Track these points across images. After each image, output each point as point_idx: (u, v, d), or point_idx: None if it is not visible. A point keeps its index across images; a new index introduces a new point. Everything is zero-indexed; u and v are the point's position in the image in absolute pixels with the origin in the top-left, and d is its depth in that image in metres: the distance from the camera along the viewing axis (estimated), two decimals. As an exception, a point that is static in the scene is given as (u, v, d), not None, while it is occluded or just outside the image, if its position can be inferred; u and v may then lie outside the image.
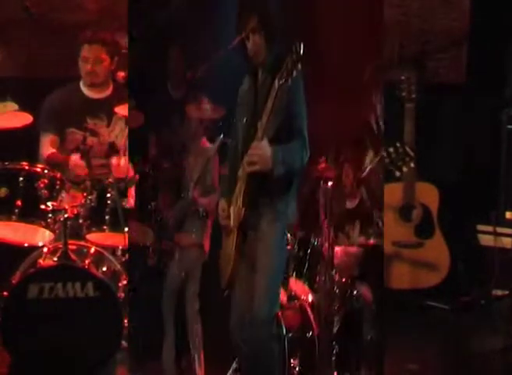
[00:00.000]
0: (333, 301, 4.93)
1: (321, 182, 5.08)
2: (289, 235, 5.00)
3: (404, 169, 3.87)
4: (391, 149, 3.87)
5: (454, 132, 5.98)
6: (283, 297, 4.92)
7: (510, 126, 5.71)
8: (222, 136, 4.90)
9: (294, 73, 3.52)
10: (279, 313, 4.66)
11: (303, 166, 3.80)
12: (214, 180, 5.20)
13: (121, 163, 4.85)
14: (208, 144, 5.31)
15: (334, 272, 4.97)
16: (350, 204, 5.43)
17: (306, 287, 5.04)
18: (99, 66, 4.97)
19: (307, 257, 5.04)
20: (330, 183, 5.09)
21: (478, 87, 5.89)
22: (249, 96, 3.92)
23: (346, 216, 5.33)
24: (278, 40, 3.85)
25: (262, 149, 3.63)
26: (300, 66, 3.51)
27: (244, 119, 3.90)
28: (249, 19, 3.83)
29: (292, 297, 4.95)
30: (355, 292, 4.95)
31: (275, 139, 3.69)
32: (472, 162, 6.01)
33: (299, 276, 5.04)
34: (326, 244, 4.95)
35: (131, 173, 4.96)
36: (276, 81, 3.59)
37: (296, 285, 5.02)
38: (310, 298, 4.96)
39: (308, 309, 4.86)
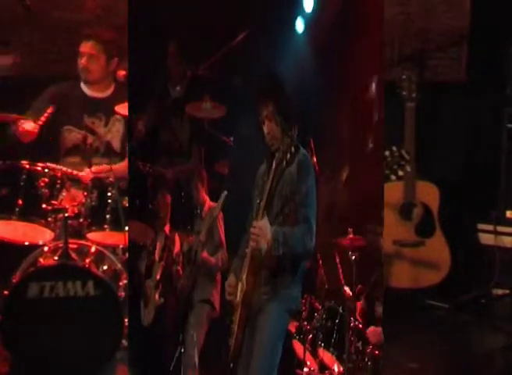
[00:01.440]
0: (365, 372, 4.86)
1: (350, 253, 5.02)
2: (317, 305, 5.04)
3: (400, 172, 3.85)
4: (387, 153, 3.86)
5: (454, 131, 5.98)
6: (314, 366, 4.93)
7: (510, 125, 5.71)
8: (225, 192, 4.75)
9: (288, 156, 3.55)
10: None
11: (307, 252, 3.80)
12: (220, 238, 5.10)
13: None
14: (212, 204, 5.12)
15: (361, 343, 4.90)
16: None
17: (334, 358, 4.97)
18: (93, 63, 4.92)
19: (335, 327, 4.98)
20: (356, 254, 5.02)
21: (478, 85, 5.90)
22: (263, 180, 3.90)
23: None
24: (294, 126, 3.77)
25: (261, 228, 3.67)
26: (294, 148, 3.54)
27: (258, 201, 3.88)
28: (265, 105, 3.82)
29: (322, 367, 4.92)
30: None
31: (277, 221, 3.75)
32: (472, 161, 6.01)
33: (327, 347, 4.98)
34: (352, 316, 4.91)
35: None
36: (274, 163, 3.65)
37: (324, 355, 4.97)
38: (339, 368, 4.90)
39: None
